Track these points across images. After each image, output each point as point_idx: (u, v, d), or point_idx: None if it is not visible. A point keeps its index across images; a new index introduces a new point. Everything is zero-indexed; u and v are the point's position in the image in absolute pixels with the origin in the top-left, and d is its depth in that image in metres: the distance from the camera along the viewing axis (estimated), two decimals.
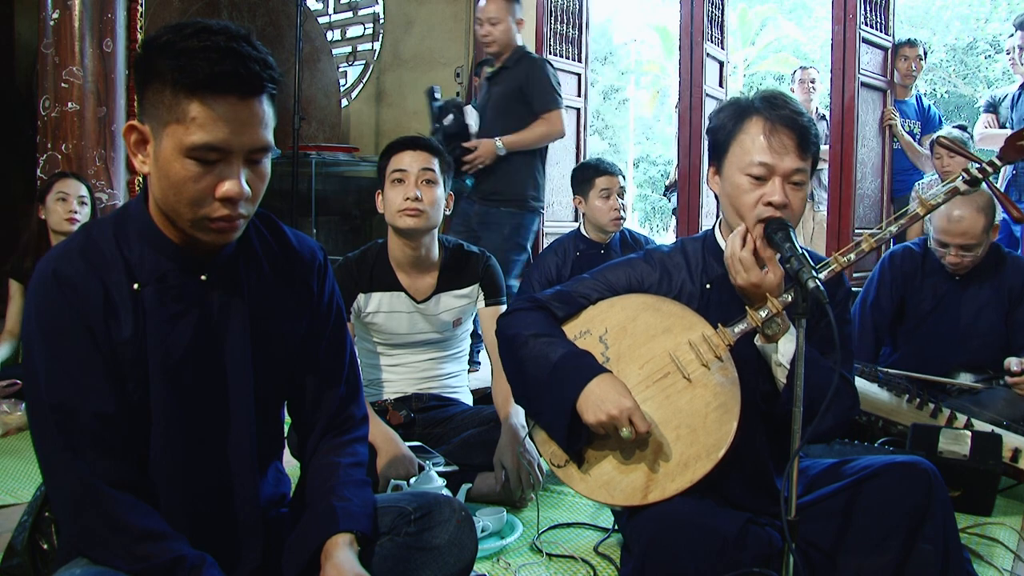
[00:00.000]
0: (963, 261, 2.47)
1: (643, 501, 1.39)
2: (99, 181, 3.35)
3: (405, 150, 2.14)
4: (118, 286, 1.10)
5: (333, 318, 1.31)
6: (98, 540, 1.08)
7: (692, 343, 1.47)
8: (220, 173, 1.05)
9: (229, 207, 1.07)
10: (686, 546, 1.31)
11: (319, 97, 5.76)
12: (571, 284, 1.63)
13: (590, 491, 1.46)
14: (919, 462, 1.42)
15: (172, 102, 1.03)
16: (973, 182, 1.50)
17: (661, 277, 1.58)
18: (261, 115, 1.07)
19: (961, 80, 17.12)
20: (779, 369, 1.45)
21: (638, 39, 22.24)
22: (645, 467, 1.42)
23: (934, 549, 1.34)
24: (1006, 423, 2.21)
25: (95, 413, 1.08)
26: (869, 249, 1.47)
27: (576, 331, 1.57)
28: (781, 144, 1.42)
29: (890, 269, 2.68)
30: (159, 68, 1.03)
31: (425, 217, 2.10)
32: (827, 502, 1.44)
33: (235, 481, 1.19)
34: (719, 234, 1.58)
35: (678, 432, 1.42)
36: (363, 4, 6.46)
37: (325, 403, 1.30)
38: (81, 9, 3.32)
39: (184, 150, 1.03)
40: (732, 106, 1.52)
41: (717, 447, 1.39)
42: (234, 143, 1.05)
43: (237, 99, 1.04)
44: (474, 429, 2.16)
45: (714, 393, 1.43)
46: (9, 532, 1.35)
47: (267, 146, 1.09)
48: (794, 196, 1.44)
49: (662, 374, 1.47)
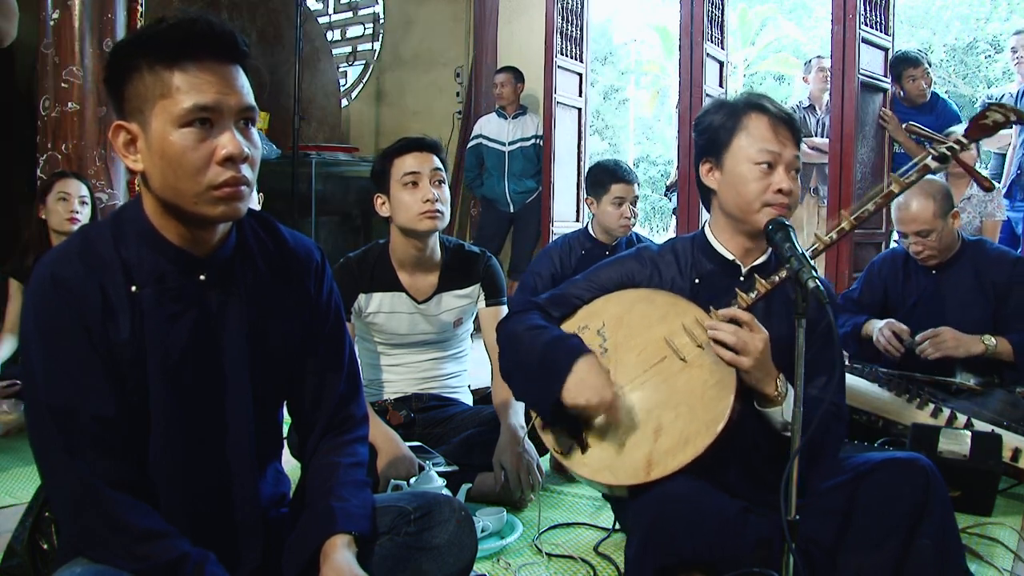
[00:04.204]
0: (925, 249, 2.52)
1: (646, 479, 1.41)
2: (99, 181, 3.35)
3: (411, 152, 2.13)
4: (116, 288, 1.10)
5: (332, 317, 1.31)
6: (98, 540, 1.08)
7: (686, 327, 1.51)
8: (215, 137, 1.07)
9: (232, 168, 1.08)
10: (688, 525, 1.33)
11: (319, 97, 5.76)
12: (564, 287, 1.68)
13: (593, 474, 1.47)
14: (917, 458, 1.43)
15: (154, 82, 1.05)
16: (942, 158, 1.54)
17: (652, 274, 1.62)
18: (242, 80, 1.11)
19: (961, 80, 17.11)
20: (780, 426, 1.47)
21: (638, 39, 22.22)
22: (647, 446, 1.44)
23: (932, 545, 1.35)
24: (1006, 423, 2.21)
25: (94, 414, 1.08)
26: (850, 228, 1.54)
27: (574, 327, 1.60)
28: (784, 135, 1.52)
29: (877, 270, 2.77)
30: (133, 62, 1.07)
31: (443, 217, 2.10)
32: (825, 498, 1.46)
33: (234, 481, 1.19)
34: (709, 233, 1.61)
35: (677, 411, 1.45)
36: (363, 4, 6.46)
37: (324, 402, 1.30)
38: (81, 9, 3.32)
39: (177, 120, 1.05)
40: (725, 105, 1.58)
41: (716, 421, 1.41)
42: (223, 102, 1.07)
43: (215, 63, 1.07)
44: (474, 429, 2.16)
45: (710, 371, 1.46)
46: (9, 532, 1.35)
47: (254, 107, 1.11)
48: (794, 184, 1.53)
49: (659, 358, 1.51)
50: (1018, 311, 2.47)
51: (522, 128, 4.96)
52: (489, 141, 5.00)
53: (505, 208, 5.01)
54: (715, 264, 1.59)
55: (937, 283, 2.59)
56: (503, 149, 4.97)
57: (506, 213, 5.03)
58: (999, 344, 2.40)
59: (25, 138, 3.62)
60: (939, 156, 1.53)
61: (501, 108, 5.03)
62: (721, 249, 1.59)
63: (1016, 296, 2.48)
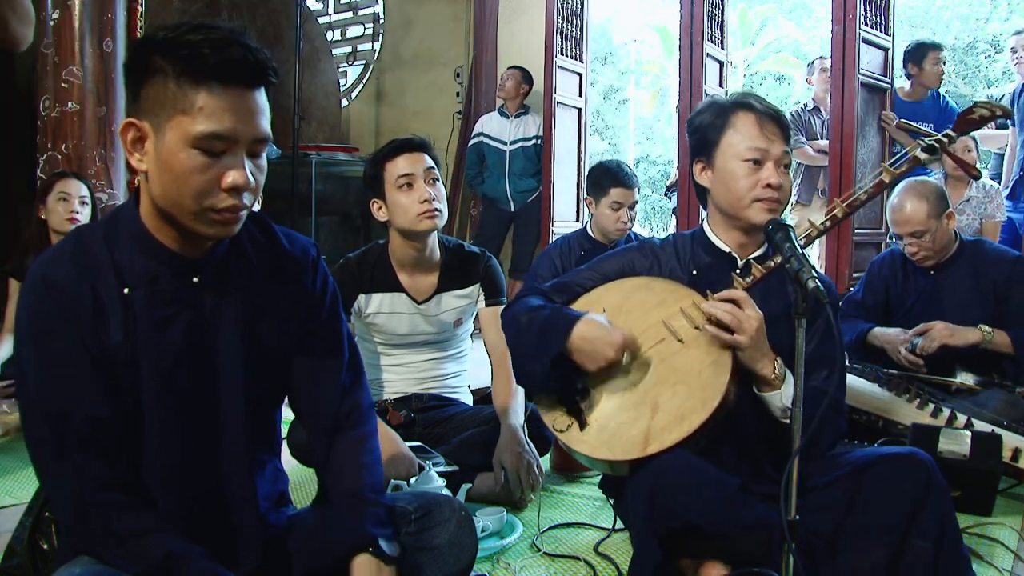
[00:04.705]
0: (920, 250, 2.53)
1: (643, 453, 1.43)
2: (99, 181, 3.35)
3: (402, 153, 2.12)
4: (108, 290, 1.10)
5: (328, 305, 1.30)
6: (95, 539, 1.08)
7: (684, 310, 1.55)
8: (225, 164, 1.06)
9: (235, 197, 1.07)
10: (687, 489, 1.35)
11: (319, 97, 5.76)
12: (568, 275, 1.74)
13: (592, 450, 1.50)
14: (917, 453, 1.45)
15: (177, 94, 1.04)
16: (930, 150, 1.58)
17: (652, 264, 1.68)
18: (263, 105, 1.10)
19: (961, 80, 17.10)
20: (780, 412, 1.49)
21: (638, 39, 22.22)
22: (644, 422, 1.46)
23: (930, 540, 1.36)
24: (1006, 423, 2.21)
25: (88, 416, 1.08)
26: (843, 215, 1.59)
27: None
28: (771, 131, 1.56)
29: (877, 271, 2.77)
30: (159, 64, 1.04)
31: (441, 215, 2.11)
32: (825, 491, 1.48)
33: (230, 482, 1.19)
34: (708, 228, 1.66)
35: (675, 388, 1.48)
36: (363, 4, 6.46)
37: (328, 392, 1.29)
38: (81, 9, 3.32)
39: (191, 140, 1.04)
40: (714, 105, 1.63)
41: (712, 398, 1.44)
42: (240, 132, 1.06)
43: (243, 88, 1.06)
44: (474, 429, 2.16)
45: (707, 351, 1.50)
46: (9, 532, 1.35)
47: (269, 137, 1.11)
48: (785, 179, 1.57)
49: (657, 339, 1.55)
50: (1019, 310, 2.47)
51: (523, 128, 4.96)
52: (490, 140, 5.01)
53: (506, 207, 5.02)
54: (713, 257, 1.64)
55: (935, 283, 2.60)
56: (504, 148, 4.98)
57: (506, 212, 5.03)
58: (996, 335, 2.41)
59: (25, 138, 3.62)
60: (927, 148, 1.58)
61: (503, 107, 5.04)
62: (718, 243, 1.63)
63: (1016, 295, 2.48)
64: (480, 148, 5.04)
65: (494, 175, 5.01)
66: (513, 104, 4.99)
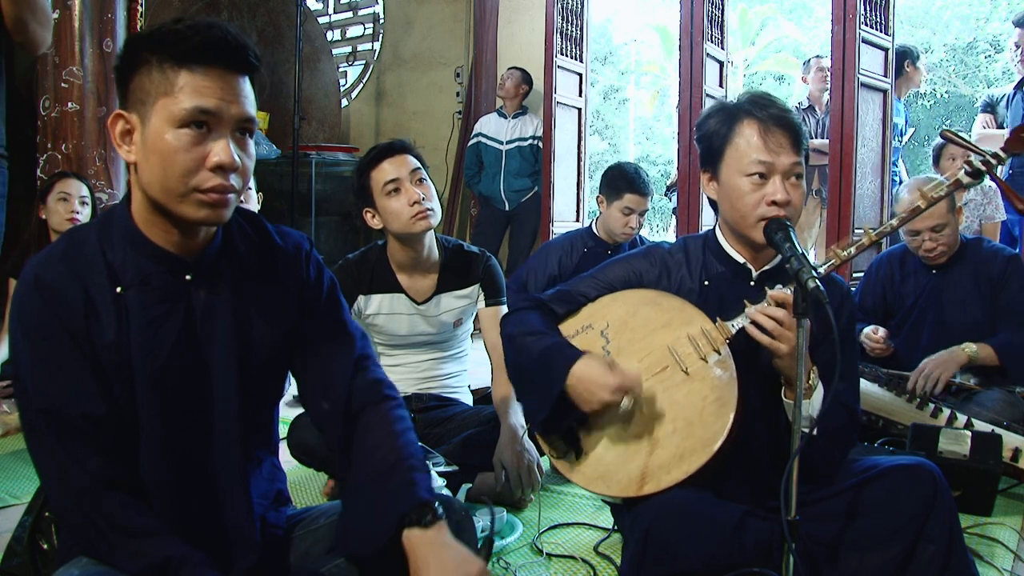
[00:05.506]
0: (938, 245, 2.51)
1: (638, 492, 1.40)
2: (99, 181, 3.35)
3: (384, 159, 2.12)
4: (100, 290, 1.10)
5: (326, 292, 1.29)
6: (94, 539, 1.08)
7: (691, 337, 1.48)
8: (210, 144, 1.07)
9: (221, 176, 1.08)
10: (686, 532, 1.32)
11: (319, 97, 5.77)
12: (571, 283, 1.66)
13: (587, 482, 1.47)
14: (924, 464, 1.42)
15: (160, 78, 1.06)
16: (975, 174, 1.49)
17: (660, 273, 1.60)
18: (247, 91, 1.11)
19: (961, 80, 17.11)
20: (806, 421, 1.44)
21: (638, 39, 22.23)
22: (642, 459, 1.42)
23: (936, 550, 1.34)
24: (1006, 423, 2.21)
25: (84, 414, 1.08)
26: (869, 243, 1.49)
27: (578, 326, 1.58)
28: (776, 142, 1.45)
29: (874, 273, 2.76)
30: (144, 56, 1.07)
31: (434, 214, 2.10)
32: (830, 502, 1.44)
33: (223, 480, 1.18)
34: (719, 234, 1.59)
35: (675, 425, 1.43)
36: (363, 4, 6.46)
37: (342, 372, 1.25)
38: (81, 9, 3.32)
39: (175, 120, 1.05)
40: (721, 111, 1.53)
41: (713, 440, 1.39)
42: (223, 110, 1.07)
43: (224, 70, 1.08)
44: (474, 429, 2.16)
45: (711, 387, 1.44)
46: (9, 532, 1.35)
47: (253, 118, 1.12)
48: (795, 192, 1.46)
49: (660, 367, 1.49)
50: (1006, 310, 2.47)
51: (520, 128, 4.99)
52: (488, 139, 5.04)
53: (501, 206, 5.03)
54: (726, 267, 1.57)
55: (936, 283, 2.59)
56: (500, 148, 5.00)
57: (502, 211, 5.05)
58: (981, 350, 2.37)
59: (25, 138, 3.62)
60: (973, 171, 1.48)
61: (502, 108, 5.06)
62: (732, 252, 1.56)
63: (1005, 293, 2.48)
64: (478, 148, 5.07)
65: (490, 174, 5.04)
66: (512, 104, 5.00)
